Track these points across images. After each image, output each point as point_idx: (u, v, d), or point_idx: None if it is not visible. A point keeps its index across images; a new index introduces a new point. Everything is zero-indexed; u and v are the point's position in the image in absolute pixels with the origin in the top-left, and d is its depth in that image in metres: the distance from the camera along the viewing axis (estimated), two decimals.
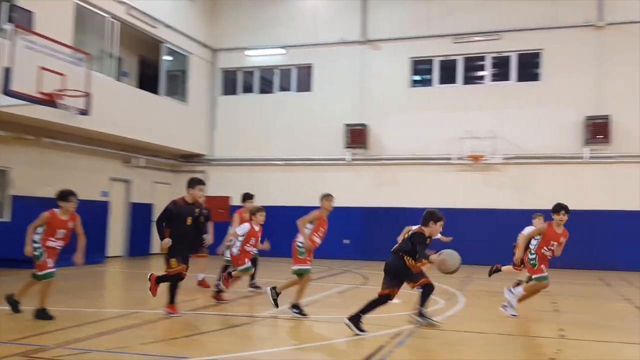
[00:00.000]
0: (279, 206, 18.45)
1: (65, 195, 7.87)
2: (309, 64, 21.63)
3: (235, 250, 9.42)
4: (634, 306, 10.52)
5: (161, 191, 20.75)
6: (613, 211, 17.78)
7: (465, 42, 19.98)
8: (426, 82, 21.04)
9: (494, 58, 20.11)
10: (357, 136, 20.26)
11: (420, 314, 7.89)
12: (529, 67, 19.80)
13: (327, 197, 8.74)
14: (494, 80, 20.18)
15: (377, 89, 20.67)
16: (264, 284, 10.55)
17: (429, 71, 20.84)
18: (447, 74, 20.55)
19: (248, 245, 9.40)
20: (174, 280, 8.20)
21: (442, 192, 19.10)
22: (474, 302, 10.36)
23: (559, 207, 8.50)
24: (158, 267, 17.10)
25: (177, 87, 21.12)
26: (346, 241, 19.75)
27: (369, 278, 14.10)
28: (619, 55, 18.47)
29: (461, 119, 19.38)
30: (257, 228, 9.51)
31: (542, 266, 8.51)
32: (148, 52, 20.28)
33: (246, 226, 9.46)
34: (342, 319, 7.35)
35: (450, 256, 7.25)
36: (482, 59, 20.25)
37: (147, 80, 20.00)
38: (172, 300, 8.23)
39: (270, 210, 10.51)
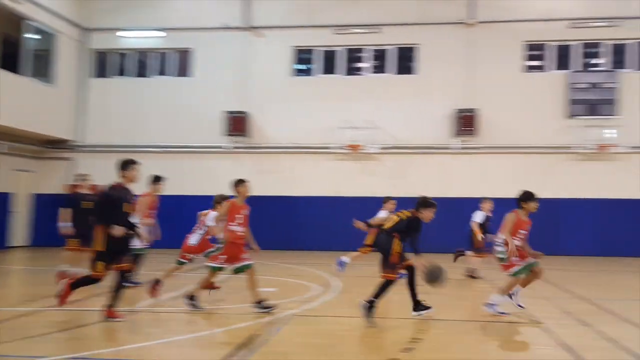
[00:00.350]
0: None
1: None
2: (189, 48, 20.93)
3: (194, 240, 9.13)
4: (491, 286, 11.18)
5: (24, 179, 19.19)
6: (481, 199, 18.85)
7: (347, 33, 20.31)
8: (308, 72, 21.15)
9: (374, 51, 20.62)
10: (238, 124, 19.93)
11: (371, 303, 7.48)
12: (406, 60, 20.51)
13: (240, 182, 8.34)
14: (373, 72, 20.70)
15: (259, 77, 20.45)
16: (145, 278, 10.03)
17: (311, 61, 20.95)
18: (329, 65, 20.78)
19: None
20: (90, 283, 7.31)
21: (322, 180, 19.37)
22: (349, 288, 10.53)
23: (532, 196, 8.04)
24: (19, 261, 15.85)
25: (44, 67, 19.56)
26: None
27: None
28: (486, 52, 19.62)
29: (341, 109, 19.70)
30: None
31: (513, 259, 7.96)
32: (11, 30, 18.59)
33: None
34: (220, 310, 7.14)
35: (439, 272, 7.44)
36: (362, 51, 20.69)
37: (10, 60, 18.31)
38: (113, 305, 7.25)
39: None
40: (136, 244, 8.93)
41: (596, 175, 18.48)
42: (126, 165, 7.48)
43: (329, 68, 20.74)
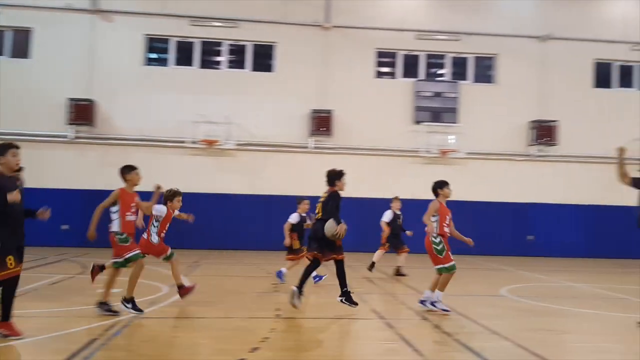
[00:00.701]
0: None
1: None
2: (28, 27, 19.11)
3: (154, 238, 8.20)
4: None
5: None
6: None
7: (203, 25, 19.79)
8: (162, 62, 20.29)
9: (231, 45, 20.31)
10: (82, 112, 18.54)
11: (352, 291, 8.05)
12: (264, 58, 20.45)
13: (130, 169, 7.75)
14: (230, 67, 20.37)
15: (108, 64, 19.23)
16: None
17: (165, 50, 20.12)
18: (184, 56, 20.10)
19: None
20: (9, 285, 6.06)
21: (176, 175, 18.45)
22: (198, 288, 10.17)
23: (445, 182, 8.59)
24: None
25: None
26: (64, 227, 17.91)
27: (88, 267, 12.94)
28: (341, 56, 20.18)
29: (196, 103, 19.17)
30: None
31: (449, 252, 8.20)
32: None
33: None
34: (57, 312, 6.46)
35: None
36: (219, 44, 20.28)
37: None
38: (8, 316, 6.09)
39: None
40: None
41: (438, 178, 19.69)
42: (1, 150, 6.26)
43: (184, 59, 20.08)
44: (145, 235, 8.45)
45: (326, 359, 5.89)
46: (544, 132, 20.11)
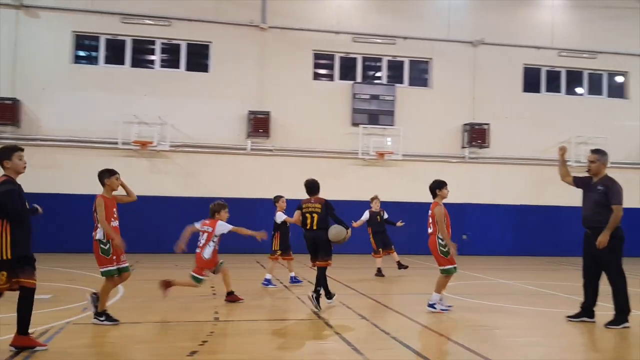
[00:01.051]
0: None
1: None
2: None
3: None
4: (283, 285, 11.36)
5: None
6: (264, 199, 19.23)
7: (135, 23, 19.21)
8: (92, 60, 19.57)
9: (164, 44, 19.83)
10: (6, 112, 17.62)
11: (321, 294, 8.49)
12: (199, 57, 20.07)
13: (110, 173, 7.34)
14: (163, 66, 19.88)
15: (32, 61, 18.38)
16: None
17: (95, 48, 19.41)
18: (115, 54, 19.46)
19: None
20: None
21: None
22: (133, 293, 9.81)
23: (444, 182, 8.50)
24: None
25: None
26: None
27: None
28: (278, 58, 20.05)
29: (129, 103, 18.61)
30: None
31: (454, 256, 8.26)
32: None
33: None
34: None
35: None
36: (152, 43, 19.75)
37: None
38: (26, 330, 5.73)
39: None
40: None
41: (376, 179, 19.96)
42: (7, 152, 6.06)
43: (115, 58, 19.45)
44: (199, 250, 8.77)
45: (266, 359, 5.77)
46: (476, 135, 20.67)
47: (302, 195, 9.15)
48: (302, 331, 7.42)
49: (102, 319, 7.08)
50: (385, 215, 13.57)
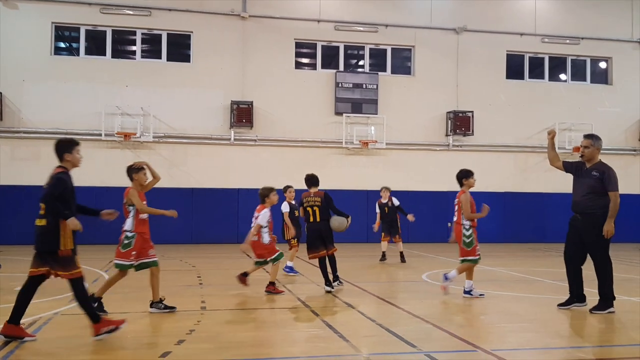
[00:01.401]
0: None
1: None
2: None
3: None
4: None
5: None
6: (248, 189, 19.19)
7: (115, 14, 18.99)
8: (73, 51, 19.34)
9: (145, 34, 19.63)
10: None
11: (336, 278, 9.36)
12: (180, 47, 19.91)
13: (137, 170, 7.57)
14: (144, 56, 19.71)
15: (13, 54, 18.15)
16: None
17: (76, 39, 19.18)
18: (96, 45, 19.25)
19: None
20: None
21: (92, 169, 17.75)
22: (121, 282, 9.74)
23: (470, 171, 8.71)
24: None
25: None
26: None
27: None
28: (260, 47, 19.94)
29: (111, 94, 18.46)
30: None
31: (477, 246, 8.53)
32: None
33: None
34: None
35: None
36: (133, 33, 19.55)
37: None
38: (19, 320, 5.86)
39: None
40: None
41: (360, 168, 20.00)
42: (68, 146, 6.35)
43: (96, 49, 19.24)
44: (257, 239, 8.69)
45: (252, 349, 5.78)
46: (460, 123, 20.75)
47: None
48: (290, 319, 7.44)
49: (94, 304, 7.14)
50: (397, 203, 13.86)
